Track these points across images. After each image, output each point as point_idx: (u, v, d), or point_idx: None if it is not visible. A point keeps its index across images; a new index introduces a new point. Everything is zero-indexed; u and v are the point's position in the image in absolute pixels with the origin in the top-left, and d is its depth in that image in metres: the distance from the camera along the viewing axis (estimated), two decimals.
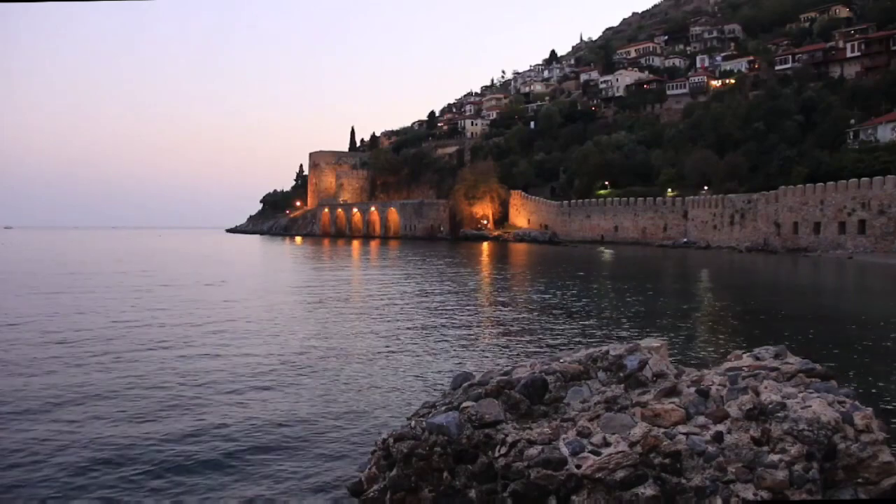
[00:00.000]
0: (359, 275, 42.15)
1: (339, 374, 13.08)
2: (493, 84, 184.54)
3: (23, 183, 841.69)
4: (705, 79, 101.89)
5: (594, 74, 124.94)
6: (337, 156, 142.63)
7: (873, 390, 11.20)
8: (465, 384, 6.35)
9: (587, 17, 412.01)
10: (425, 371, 13.36)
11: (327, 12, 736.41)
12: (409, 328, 18.98)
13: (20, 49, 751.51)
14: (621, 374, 5.98)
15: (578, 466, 5.16)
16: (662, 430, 5.27)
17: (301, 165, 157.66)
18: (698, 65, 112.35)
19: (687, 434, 5.21)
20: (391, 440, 6.03)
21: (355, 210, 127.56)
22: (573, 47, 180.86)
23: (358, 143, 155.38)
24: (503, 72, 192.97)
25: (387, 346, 16.08)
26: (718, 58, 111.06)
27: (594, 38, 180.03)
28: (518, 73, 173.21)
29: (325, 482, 7.57)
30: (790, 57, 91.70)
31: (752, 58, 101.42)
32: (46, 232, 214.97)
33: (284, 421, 9.89)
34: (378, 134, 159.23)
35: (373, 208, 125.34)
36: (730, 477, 4.98)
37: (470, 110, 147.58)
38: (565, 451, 5.27)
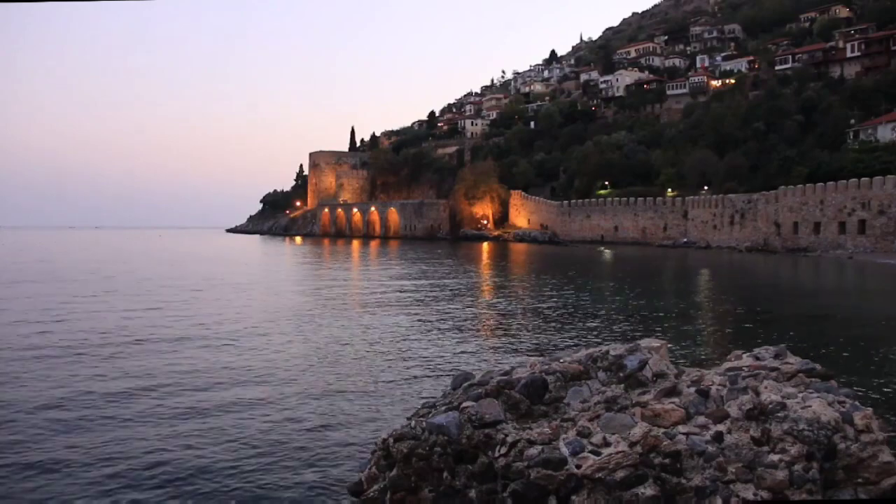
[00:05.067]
0: (358, 275, 42.15)
1: (339, 374, 13.08)
2: (493, 84, 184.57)
3: (15, 182, 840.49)
4: (705, 79, 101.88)
5: (594, 74, 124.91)
6: (337, 156, 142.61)
7: (873, 390, 11.19)
8: (465, 384, 6.34)
9: (587, 17, 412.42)
10: (425, 371, 13.36)
11: (327, 13, 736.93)
12: (408, 328, 18.98)
13: (18, 48, 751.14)
14: (621, 374, 5.98)
15: (578, 466, 5.16)
16: (662, 430, 5.27)
17: (301, 165, 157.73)
18: (698, 65, 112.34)
19: (687, 434, 5.21)
20: (391, 440, 6.03)
21: (355, 210, 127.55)
22: (573, 47, 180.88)
23: (358, 143, 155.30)
24: (503, 72, 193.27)
25: (386, 346, 16.08)
26: (718, 58, 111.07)
27: (594, 38, 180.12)
28: (518, 73, 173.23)
29: (326, 482, 7.57)
30: (790, 57, 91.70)
31: (752, 58, 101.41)
32: (39, 232, 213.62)
33: (284, 421, 9.89)
34: (378, 134, 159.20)
35: (373, 208, 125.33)
36: (730, 477, 4.98)
37: (470, 110, 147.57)
38: (565, 451, 5.27)
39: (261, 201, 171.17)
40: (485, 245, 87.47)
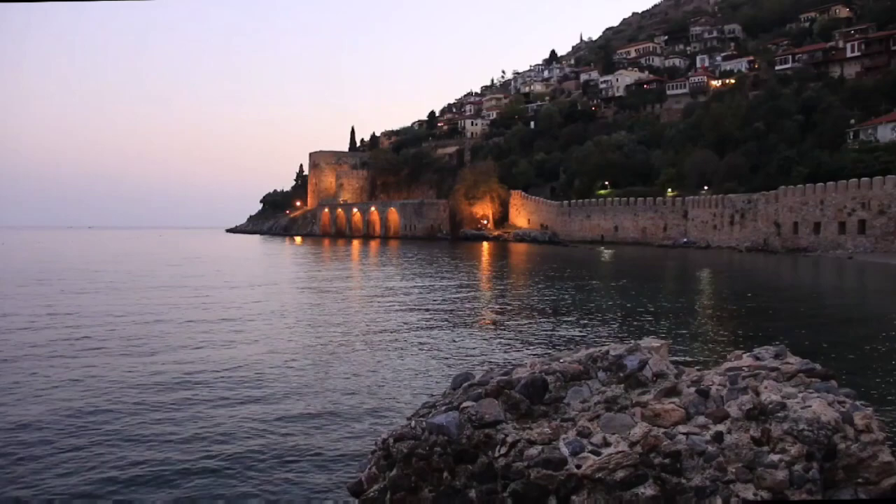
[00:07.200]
0: (358, 275, 42.14)
1: (339, 375, 13.08)
2: (493, 84, 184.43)
3: (15, 182, 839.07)
4: (705, 79, 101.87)
5: (594, 74, 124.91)
6: (337, 156, 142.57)
7: (873, 390, 11.20)
8: (465, 384, 6.33)
9: (587, 17, 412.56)
10: (425, 371, 13.37)
11: (328, 13, 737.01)
12: (408, 328, 18.98)
13: (18, 48, 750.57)
14: (621, 374, 5.97)
15: (578, 466, 5.15)
16: (662, 430, 5.26)
17: (301, 165, 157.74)
18: (698, 65, 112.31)
19: (687, 434, 5.20)
20: (391, 440, 6.01)
21: (355, 210, 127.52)
22: (573, 47, 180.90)
23: (358, 143, 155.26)
24: (503, 72, 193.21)
25: (387, 347, 16.09)
26: (718, 58, 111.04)
27: (594, 38, 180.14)
28: (518, 73, 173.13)
29: (326, 482, 7.57)
30: (790, 57, 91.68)
31: (752, 58, 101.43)
32: (37, 232, 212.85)
33: (285, 421, 9.89)
34: (378, 134, 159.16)
35: (373, 208, 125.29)
36: (730, 477, 4.97)
37: (470, 110, 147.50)
38: (565, 451, 5.26)
39: (261, 201, 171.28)
40: (485, 245, 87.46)
